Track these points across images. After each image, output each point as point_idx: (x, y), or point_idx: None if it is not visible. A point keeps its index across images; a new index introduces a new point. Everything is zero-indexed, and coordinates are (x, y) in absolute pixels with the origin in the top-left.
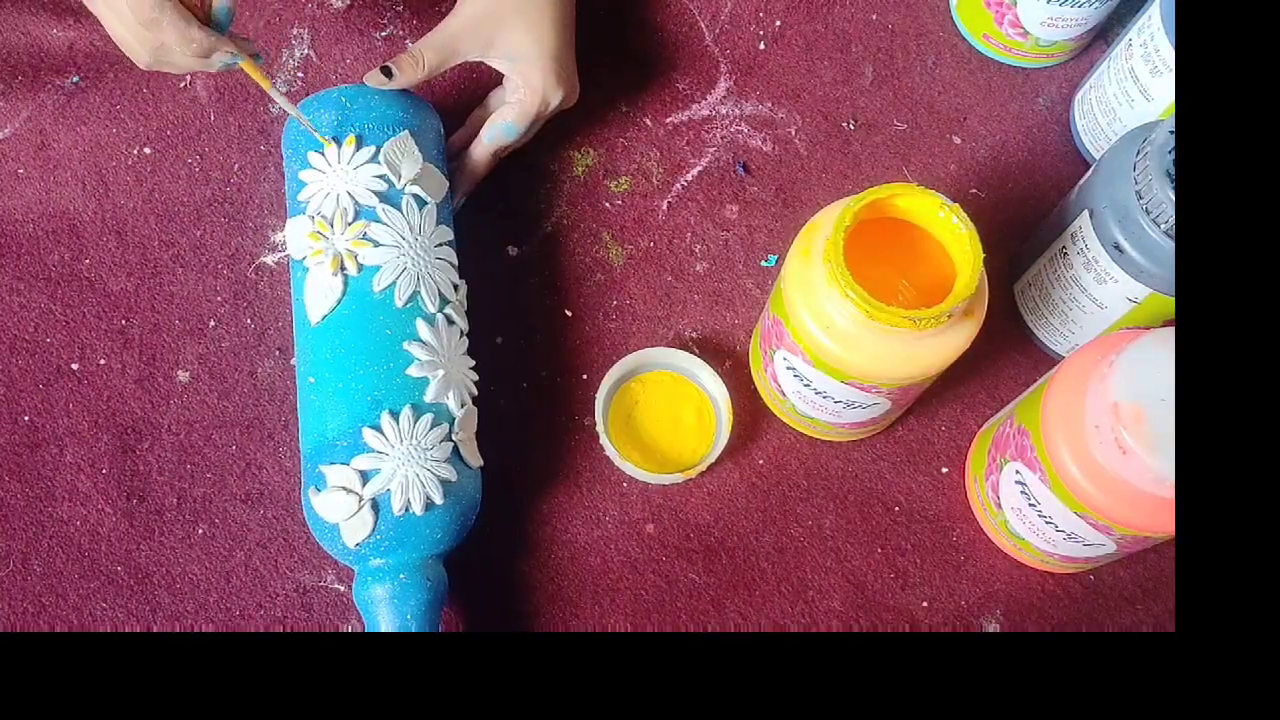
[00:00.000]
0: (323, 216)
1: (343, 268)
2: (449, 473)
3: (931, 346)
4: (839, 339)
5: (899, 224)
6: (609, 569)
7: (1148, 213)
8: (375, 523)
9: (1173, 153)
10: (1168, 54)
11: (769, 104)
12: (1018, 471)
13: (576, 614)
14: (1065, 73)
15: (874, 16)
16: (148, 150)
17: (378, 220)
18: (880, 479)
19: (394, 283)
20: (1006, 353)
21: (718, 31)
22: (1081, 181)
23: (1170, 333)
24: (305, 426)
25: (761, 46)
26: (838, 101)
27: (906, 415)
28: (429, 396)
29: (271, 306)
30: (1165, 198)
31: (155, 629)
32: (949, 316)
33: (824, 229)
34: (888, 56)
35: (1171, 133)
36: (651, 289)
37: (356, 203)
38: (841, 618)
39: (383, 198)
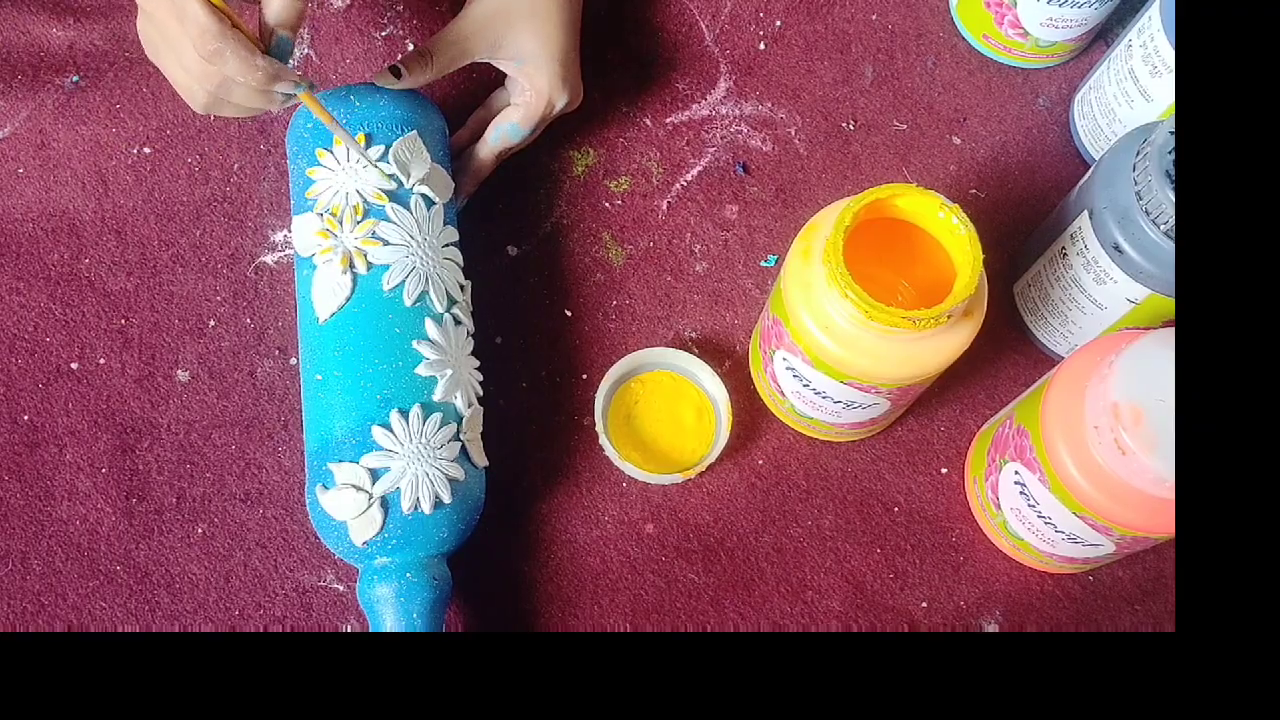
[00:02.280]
0: (331, 214)
1: (352, 265)
2: (457, 472)
3: (931, 347)
4: (838, 339)
5: (899, 224)
6: (608, 569)
7: (1147, 213)
8: (384, 521)
9: (1172, 153)
10: (1168, 55)
11: (769, 104)
12: (1017, 472)
13: (576, 614)
14: (1065, 73)
15: (874, 17)
16: (148, 150)
17: (387, 219)
18: (880, 479)
19: (403, 282)
20: (1006, 353)
21: (718, 31)
22: (1081, 182)
23: (1170, 333)
24: (310, 424)
25: (761, 47)
26: (838, 102)
27: (906, 416)
28: (437, 396)
29: (271, 306)
30: (1165, 198)
31: (154, 628)
32: (948, 317)
33: (824, 229)
34: (888, 57)
35: (1171, 133)
36: (651, 289)
37: (366, 201)
38: (840, 618)
39: (392, 197)
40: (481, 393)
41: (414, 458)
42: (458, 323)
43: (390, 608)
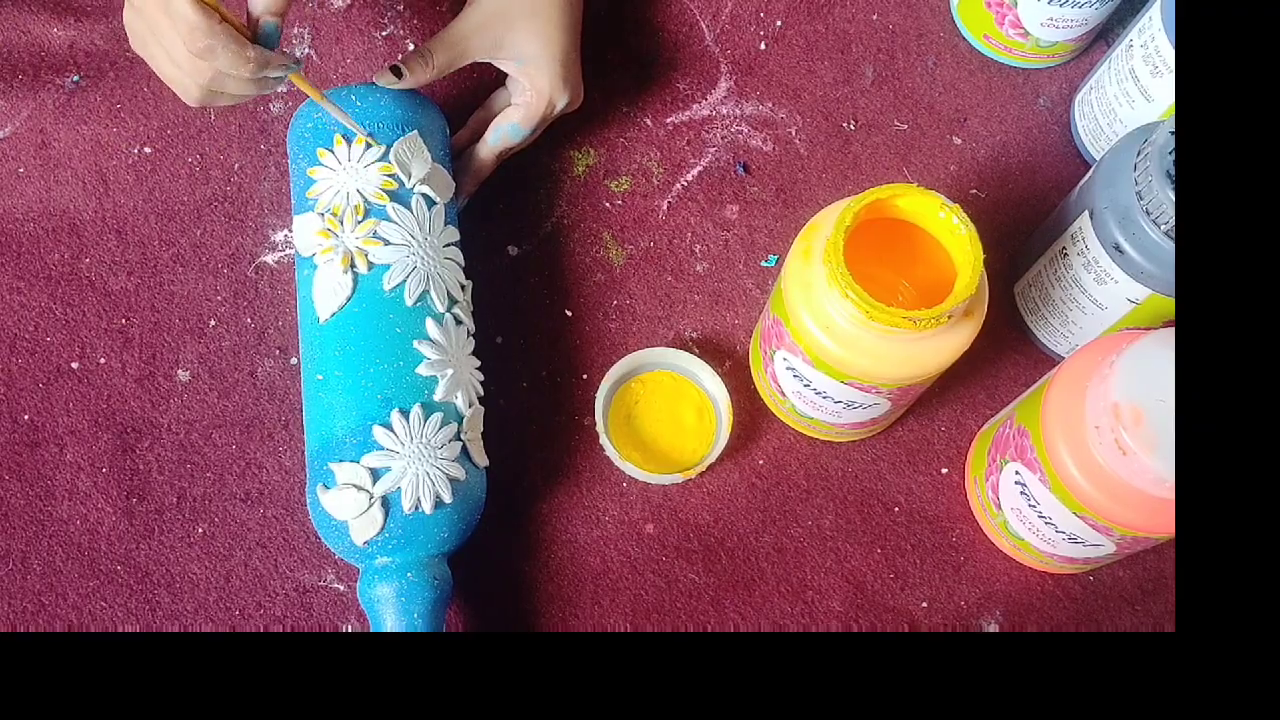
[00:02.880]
0: (332, 214)
1: (353, 265)
2: (458, 471)
3: (931, 347)
4: (839, 339)
5: (899, 224)
6: (609, 569)
7: (1148, 213)
8: (385, 521)
9: (1173, 153)
10: (1168, 55)
11: (769, 104)
12: (1017, 472)
13: (576, 614)
14: (1066, 73)
15: (874, 17)
16: (148, 149)
17: (388, 219)
18: (880, 479)
19: (404, 281)
20: (1006, 353)
21: (718, 31)
22: (1082, 182)
23: (1170, 334)
24: (311, 424)
25: (762, 46)
26: (838, 102)
27: (906, 416)
28: (438, 395)
29: (271, 306)
30: (1165, 198)
31: (155, 628)
32: (949, 317)
33: (824, 229)
34: (888, 57)
35: (1172, 133)
36: (651, 289)
37: (367, 201)
38: (841, 618)
39: (393, 196)
40: (482, 392)
41: (415, 457)
42: (458, 322)
43: (391, 607)
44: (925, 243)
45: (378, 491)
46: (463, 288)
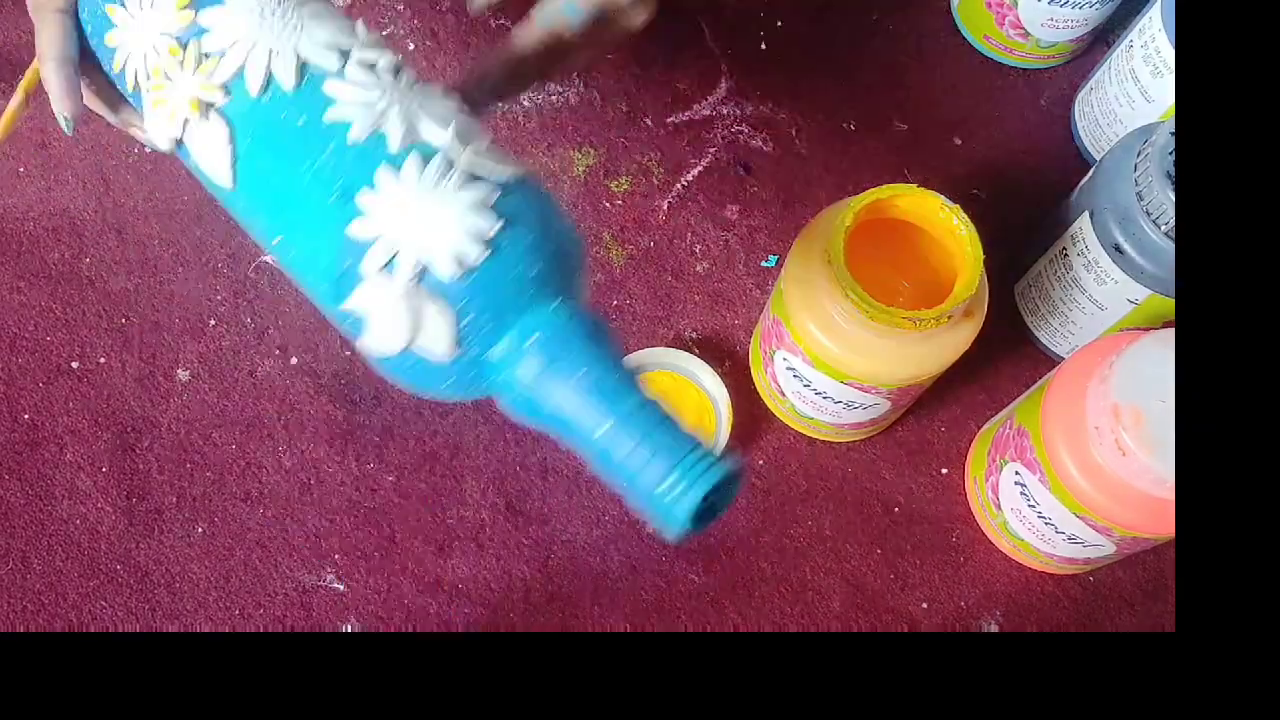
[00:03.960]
0: (153, 76)
1: (209, 105)
2: (477, 193)
3: (931, 347)
4: (839, 339)
5: (900, 224)
6: (609, 569)
7: (1148, 214)
8: (446, 303)
9: (1173, 154)
10: (1168, 55)
11: (769, 104)
12: (1017, 473)
13: (576, 614)
14: (1066, 74)
15: (874, 17)
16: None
17: (206, 32)
18: (880, 480)
19: (268, 69)
20: (1006, 354)
21: (718, 31)
22: (1082, 183)
23: (1170, 334)
24: (308, 286)
25: (762, 47)
26: (838, 102)
27: (906, 416)
28: (394, 144)
29: (272, 305)
30: (1165, 199)
31: (155, 628)
32: (949, 317)
33: (824, 230)
34: (889, 57)
35: (1172, 134)
36: (651, 289)
37: (174, 37)
38: (841, 618)
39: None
40: (456, 109)
41: (415, 221)
42: (369, 67)
43: (562, 385)
44: (925, 243)
45: (405, 282)
46: (347, 37)
